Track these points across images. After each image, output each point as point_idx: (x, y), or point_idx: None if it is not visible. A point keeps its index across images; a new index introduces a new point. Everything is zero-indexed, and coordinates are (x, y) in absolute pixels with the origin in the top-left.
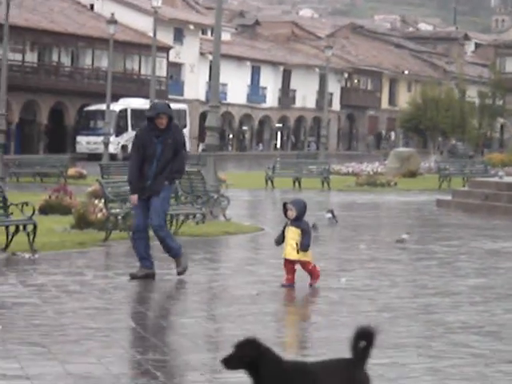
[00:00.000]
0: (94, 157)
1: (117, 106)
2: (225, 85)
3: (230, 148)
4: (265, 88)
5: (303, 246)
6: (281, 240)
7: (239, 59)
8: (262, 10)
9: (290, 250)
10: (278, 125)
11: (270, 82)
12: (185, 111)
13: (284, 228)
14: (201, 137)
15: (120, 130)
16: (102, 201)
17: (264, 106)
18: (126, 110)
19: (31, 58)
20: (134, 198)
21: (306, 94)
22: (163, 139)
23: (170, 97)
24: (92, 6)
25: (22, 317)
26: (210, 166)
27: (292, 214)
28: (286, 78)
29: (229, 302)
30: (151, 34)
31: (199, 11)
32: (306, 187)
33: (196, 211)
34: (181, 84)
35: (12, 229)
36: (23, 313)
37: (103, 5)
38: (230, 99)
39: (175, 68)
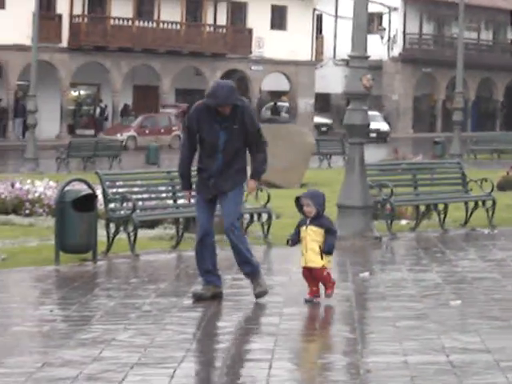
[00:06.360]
0: None
1: None
2: None
3: None
4: None
5: (328, 248)
6: (296, 240)
7: None
8: None
9: (313, 256)
10: None
11: None
12: None
13: (299, 226)
14: None
15: None
16: None
17: None
18: None
19: (486, 36)
20: (188, 193)
21: None
22: (227, 125)
23: None
24: None
25: (481, 291)
26: None
27: (310, 210)
28: None
29: None
30: None
31: None
32: None
33: None
34: None
35: (471, 204)
36: (483, 287)
37: None
38: None
39: None
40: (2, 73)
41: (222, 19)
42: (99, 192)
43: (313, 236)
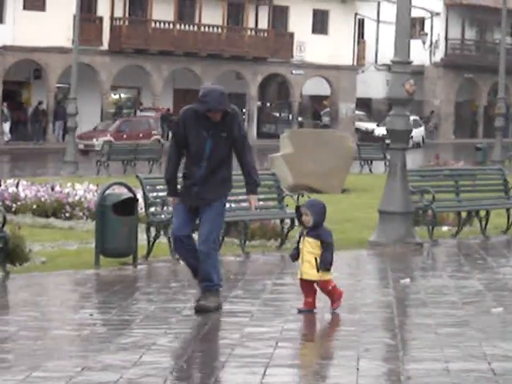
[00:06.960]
0: None
1: None
2: None
3: None
4: None
5: (324, 263)
6: (297, 254)
7: None
8: None
9: (308, 268)
10: None
11: None
12: None
13: (299, 238)
14: None
15: None
16: None
17: None
18: None
19: None
20: (173, 200)
21: None
22: (214, 132)
23: None
24: None
25: None
26: None
27: (308, 220)
28: None
29: None
30: None
31: None
32: None
33: None
34: None
35: None
36: None
37: None
38: None
39: None
40: (43, 75)
41: (264, 23)
42: (140, 196)
43: (309, 248)
